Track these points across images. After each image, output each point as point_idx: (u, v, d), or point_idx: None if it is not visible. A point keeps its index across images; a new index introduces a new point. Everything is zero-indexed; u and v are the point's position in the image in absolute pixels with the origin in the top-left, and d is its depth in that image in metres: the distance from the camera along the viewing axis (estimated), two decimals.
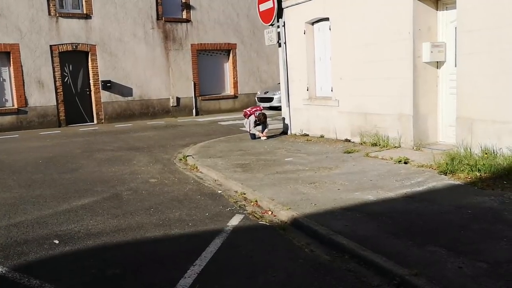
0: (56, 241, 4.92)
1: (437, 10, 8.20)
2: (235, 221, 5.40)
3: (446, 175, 6.47)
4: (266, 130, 11.40)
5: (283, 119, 12.25)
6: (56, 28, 16.41)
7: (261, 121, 11.20)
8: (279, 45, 11.84)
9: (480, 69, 7.05)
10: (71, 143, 12.44)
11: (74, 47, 16.79)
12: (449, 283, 3.44)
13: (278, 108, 16.92)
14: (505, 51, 6.66)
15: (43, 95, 16.40)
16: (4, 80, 16.06)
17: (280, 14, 11.60)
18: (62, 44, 16.58)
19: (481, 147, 6.95)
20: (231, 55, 20.23)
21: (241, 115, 11.95)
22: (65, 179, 8.05)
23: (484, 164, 6.32)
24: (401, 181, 6.42)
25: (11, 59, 15.83)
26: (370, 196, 5.82)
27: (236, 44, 20.20)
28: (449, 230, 4.51)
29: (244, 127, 11.76)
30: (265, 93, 19.36)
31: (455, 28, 7.59)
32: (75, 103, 17.24)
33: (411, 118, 8.35)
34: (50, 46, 16.37)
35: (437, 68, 8.33)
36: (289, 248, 4.55)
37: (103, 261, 4.38)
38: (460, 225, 4.62)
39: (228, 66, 20.43)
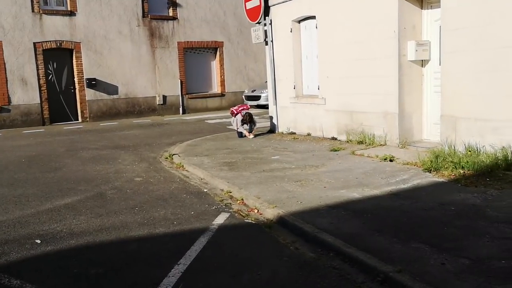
0: (38, 241, 4.85)
1: (421, 8, 8.26)
2: (220, 219, 5.38)
3: (430, 172, 6.53)
4: (254, 128, 11.37)
5: (270, 117, 12.25)
6: (39, 25, 16.18)
7: (247, 121, 11.18)
8: (266, 43, 11.83)
9: (464, 67, 7.11)
10: (55, 142, 12.28)
11: (58, 44, 16.57)
12: (432, 279, 3.46)
13: (265, 107, 16.91)
14: (488, 50, 6.73)
15: (27, 93, 16.17)
16: None
17: (266, 12, 11.58)
18: (46, 42, 16.36)
19: (464, 145, 7.02)
20: (218, 53, 20.17)
21: (228, 113, 11.90)
22: (48, 178, 7.94)
23: (467, 162, 6.39)
24: (386, 178, 6.46)
25: None
26: (355, 193, 5.84)
27: (223, 42, 20.14)
28: (432, 227, 4.54)
29: (232, 125, 11.72)
30: (252, 91, 19.34)
31: (440, 26, 7.65)
32: (59, 101, 17.02)
33: (396, 116, 8.40)
34: (34, 43, 16.14)
35: (422, 66, 8.39)
36: (274, 246, 4.54)
37: (85, 261, 4.32)
38: (444, 221, 4.66)
39: (215, 64, 20.36)
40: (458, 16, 7.12)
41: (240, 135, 11.31)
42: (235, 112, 11.29)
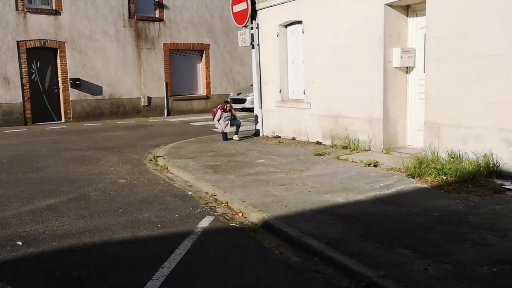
0: (20, 243, 4.76)
1: (407, 16, 8.37)
2: (205, 222, 5.36)
3: (414, 178, 6.61)
4: (239, 128, 11.39)
5: (255, 120, 12.26)
6: (23, 24, 15.95)
7: (228, 110, 11.15)
8: (253, 47, 11.85)
9: (447, 75, 7.23)
10: (37, 142, 12.10)
11: (42, 43, 16.36)
12: (416, 285, 3.50)
13: (250, 110, 16.93)
14: (470, 58, 6.86)
15: (9, 92, 15.91)
16: None
17: (254, 16, 11.61)
18: (30, 40, 16.13)
19: (447, 152, 7.12)
20: (204, 55, 20.13)
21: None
22: (30, 178, 7.81)
23: (450, 168, 6.48)
24: (371, 183, 6.52)
25: None
26: (340, 198, 5.87)
27: (209, 44, 20.12)
28: (416, 233, 4.59)
29: (217, 128, 11.70)
30: (237, 94, 19.34)
31: (424, 34, 7.76)
32: (42, 100, 16.79)
33: (381, 122, 8.49)
34: (17, 42, 15.90)
35: (407, 73, 8.50)
36: (259, 250, 4.54)
37: (68, 263, 4.26)
38: (427, 227, 4.72)
39: (201, 67, 20.32)
40: (442, 25, 7.24)
41: (225, 138, 11.30)
42: (214, 112, 11.32)
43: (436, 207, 5.32)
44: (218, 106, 11.46)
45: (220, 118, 11.24)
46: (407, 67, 8.42)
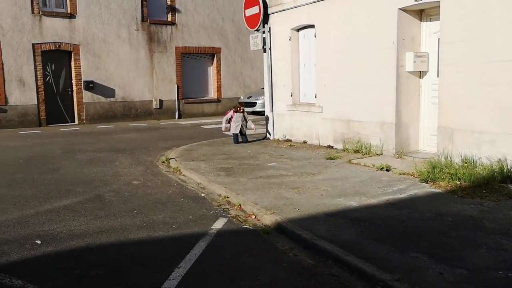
0: (38, 242, 4.85)
1: (420, 21, 8.38)
2: (219, 224, 5.41)
3: (427, 183, 6.60)
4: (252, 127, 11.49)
5: (266, 124, 12.30)
6: (39, 27, 16.19)
7: (240, 111, 11.25)
8: (264, 51, 11.92)
9: (460, 79, 7.23)
10: (52, 143, 12.26)
11: (57, 46, 16.58)
12: None
13: (261, 113, 16.98)
14: (483, 63, 6.86)
15: (24, 94, 16.14)
16: None
17: (266, 20, 11.68)
18: (44, 43, 16.36)
19: (461, 156, 7.11)
20: (215, 59, 20.25)
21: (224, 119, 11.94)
22: (46, 179, 7.93)
23: (464, 173, 6.47)
24: (383, 188, 6.53)
25: None
26: (352, 202, 5.89)
27: (220, 48, 20.23)
28: (430, 237, 4.60)
29: (229, 131, 11.76)
30: (248, 97, 19.41)
31: (438, 39, 7.77)
32: (56, 102, 17.00)
33: (393, 126, 8.50)
34: (33, 44, 16.14)
35: (420, 77, 8.50)
36: (273, 252, 4.58)
37: (86, 262, 4.34)
38: (441, 232, 4.73)
39: (212, 70, 20.44)
40: (455, 29, 7.24)
41: (236, 140, 11.36)
42: (229, 116, 11.39)
43: (450, 212, 5.32)
44: (228, 112, 11.58)
45: (231, 118, 11.32)
46: (420, 71, 8.43)
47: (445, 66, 7.48)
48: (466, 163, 6.91)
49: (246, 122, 11.47)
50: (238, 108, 11.37)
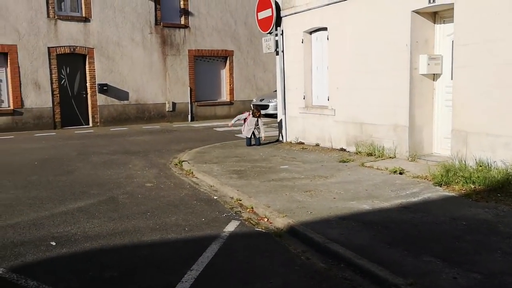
0: (53, 243, 4.92)
1: (434, 23, 8.32)
2: (231, 227, 5.43)
3: (441, 186, 6.55)
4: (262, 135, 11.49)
5: (279, 126, 12.31)
6: (54, 31, 16.42)
7: (257, 116, 11.27)
8: (277, 53, 11.93)
9: (475, 82, 7.16)
10: (66, 146, 12.41)
11: (72, 49, 16.80)
12: None
13: (273, 116, 17.00)
14: (498, 65, 6.79)
15: (39, 97, 16.37)
16: (0, 81, 16.03)
17: (278, 23, 11.69)
18: (60, 47, 16.59)
19: (475, 160, 7.04)
20: (228, 61, 20.33)
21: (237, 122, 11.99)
22: (61, 181, 8.04)
23: (478, 177, 6.40)
24: (396, 191, 6.49)
25: (9, 60, 15.81)
26: (365, 205, 5.87)
27: (233, 51, 20.31)
28: (444, 241, 4.56)
29: (241, 133, 11.79)
30: (260, 100, 19.43)
31: (452, 41, 7.71)
32: (71, 105, 17.22)
33: (406, 129, 8.44)
34: (48, 48, 16.38)
35: (434, 80, 8.44)
36: (285, 255, 4.58)
37: (100, 264, 4.39)
38: (455, 236, 4.68)
39: (224, 73, 20.52)
40: (470, 32, 7.18)
41: (249, 143, 11.39)
42: (244, 119, 11.43)
43: (464, 216, 5.27)
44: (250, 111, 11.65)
45: (245, 119, 11.36)
46: (434, 74, 8.37)
47: (459, 68, 7.42)
48: (480, 166, 6.84)
49: (259, 128, 11.44)
50: (255, 112, 11.37)
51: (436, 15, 8.28)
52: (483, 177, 6.37)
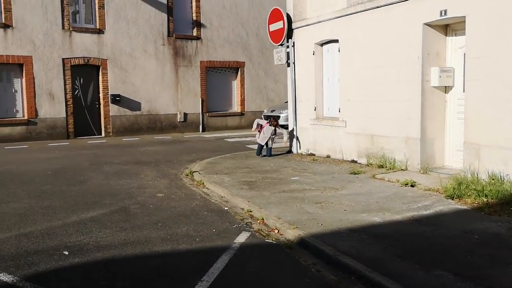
0: (66, 252, 4.97)
1: (446, 35, 8.33)
2: (242, 238, 5.44)
3: (453, 199, 6.50)
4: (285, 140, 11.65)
5: (290, 138, 12.33)
6: (69, 42, 16.70)
7: (274, 125, 11.36)
8: (288, 65, 12.00)
9: (487, 95, 7.13)
10: (79, 155, 12.55)
11: (85, 61, 17.05)
12: None
13: (284, 127, 16.97)
14: (511, 78, 6.75)
15: (53, 107, 16.60)
16: (16, 91, 16.29)
17: (289, 35, 11.78)
18: (74, 58, 16.85)
19: (488, 173, 6.99)
20: (239, 73, 20.46)
21: (248, 132, 12.06)
22: (73, 191, 8.12)
23: (491, 190, 6.35)
24: (408, 204, 6.46)
25: (24, 71, 16.08)
26: (376, 218, 5.85)
27: (244, 62, 20.44)
28: (456, 255, 4.53)
29: (256, 141, 11.82)
30: (271, 111, 19.46)
31: (464, 54, 7.70)
32: (84, 115, 17.43)
33: (418, 142, 8.41)
34: (63, 59, 16.63)
35: (445, 92, 8.42)
36: (295, 267, 4.58)
37: (112, 274, 4.43)
38: (467, 250, 4.65)
39: (236, 84, 20.64)
40: (482, 44, 7.18)
41: (259, 152, 11.43)
42: (261, 127, 11.47)
43: (477, 230, 5.23)
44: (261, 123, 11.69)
45: (262, 126, 11.41)
46: (445, 86, 8.35)
47: (471, 81, 7.40)
48: (493, 179, 6.78)
49: (274, 137, 11.49)
50: (272, 121, 11.43)
51: (447, 28, 8.29)
52: (496, 190, 6.32)
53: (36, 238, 5.46)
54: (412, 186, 7.46)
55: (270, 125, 11.38)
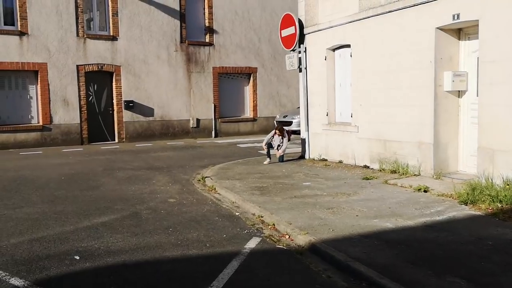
0: (77, 257, 5.01)
1: (459, 40, 8.25)
2: (252, 243, 5.42)
3: (466, 205, 6.41)
4: (280, 152, 11.43)
5: (302, 143, 12.30)
6: (83, 49, 16.91)
7: (281, 134, 11.27)
8: (300, 70, 11.99)
9: (502, 99, 7.03)
10: (92, 161, 12.67)
11: (99, 67, 17.25)
12: None
13: (296, 132, 16.94)
14: None
15: (68, 113, 16.80)
16: (31, 97, 16.53)
17: (301, 40, 11.78)
18: (88, 65, 17.05)
19: (502, 178, 6.88)
20: (251, 78, 20.50)
21: (260, 138, 12.04)
22: (86, 196, 8.19)
23: (506, 196, 6.25)
24: (421, 209, 6.38)
25: (39, 78, 16.32)
26: (388, 223, 5.79)
27: (257, 68, 20.48)
28: (469, 261, 4.46)
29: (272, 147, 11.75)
30: (284, 116, 19.47)
31: (477, 58, 7.61)
32: (98, 121, 17.60)
33: (431, 147, 8.32)
34: (77, 66, 16.84)
35: (459, 97, 8.33)
36: (306, 273, 4.55)
37: (122, 279, 4.44)
38: (481, 256, 4.57)
39: (248, 89, 20.68)
40: (495, 48, 7.09)
41: (268, 154, 11.39)
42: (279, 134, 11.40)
43: (491, 236, 5.14)
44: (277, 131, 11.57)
45: (272, 138, 11.40)
46: (459, 91, 8.26)
47: (485, 85, 7.31)
48: (508, 185, 6.67)
49: (282, 145, 11.42)
50: (279, 132, 11.34)
51: (460, 32, 8.21)
52: (511, 195, 6.21)
53: (48, 243, 5.51)
54: (425, 191, 7.37)
55: (278, 135, 11.32)
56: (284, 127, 11.51)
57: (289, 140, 11.59)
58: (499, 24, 7.04)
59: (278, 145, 11.43)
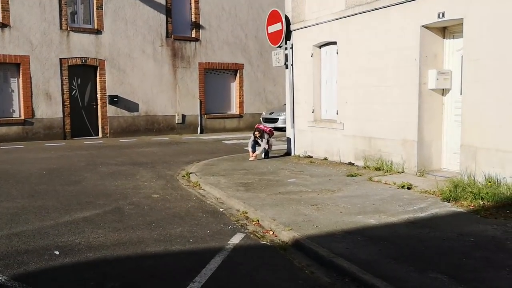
0: (57, 252, 4.92)
1: (444, 38, 8.30)
2: (236, 239, 5.39)
3: (449, 202, 6.47)
4: (257, 153, 11.37)
5: (287, 140, 12.29)
6: (66, 42, 16.66)
7: (260, 137, 11.22)
8: (286, 67, 11.96)
9: (485, 97, 7.10)
10: (75, 156, 12.49)
11: (83, 61, 17.01)
12: None
13: (282, 129, 16.98)
14: (509, 81, 6.73)
15: (50, 107, 16.55)
16: (12, 91, 16.24)
17: (288, 37, 11.75)
18: (71, 58, 16.80)
19: (485, 176, 6.95)
20: (238, 75, 20.43)
21: (246, 134, 11.99)
22: (67, 191, 8.06)
23: (487, 193, 6.32)
24: (404, 206, 6.41)
25: (21, 71, 16.03)
26: (372, 220, 5.80)
27: (243, 64, 20.42)
28: (451, 257, 4.49)
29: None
30: (270, 113, 19.47)
31: (461, 56, 7.67)
32: (81, 116, 17.37)
33: (415, 144, 8.38)
34: (60, 59, 16.59)
35: (443, 95, 8.39)
36: (289, 269, 4.53)
37: (102, 274, 4.36)
38: (462, 252, 4.61)
39: (234, 86, 20.61)
40: (480, 47, 7.15)
41: (253, 149, 11.33)
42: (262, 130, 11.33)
43: (472, 232, 5.19)
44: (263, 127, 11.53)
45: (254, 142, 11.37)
46: (443, 89, 8.32)
47: (469, 83, 7.37)
48: (489, 182, 6.75)
49: (261, 143, 11.37)
50: (258, 134, 11.28)
51: (445, 30, 8.26)
52: (492, 193, 6.28)
53: (27, 238, 5.40)
54: (408, 188, 7.42)
55: (258, 137, 11.26)
56: (261, 128, 11.40)
57: (270, 136, 11.48)
58: (483, 23, 7.10)
59: (258, 145, 11.35)
